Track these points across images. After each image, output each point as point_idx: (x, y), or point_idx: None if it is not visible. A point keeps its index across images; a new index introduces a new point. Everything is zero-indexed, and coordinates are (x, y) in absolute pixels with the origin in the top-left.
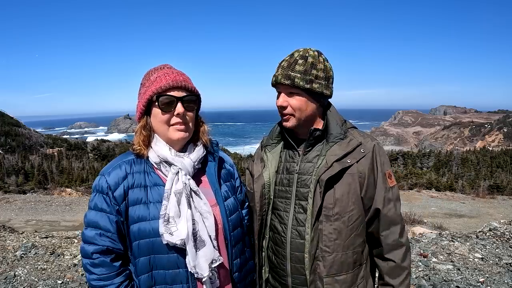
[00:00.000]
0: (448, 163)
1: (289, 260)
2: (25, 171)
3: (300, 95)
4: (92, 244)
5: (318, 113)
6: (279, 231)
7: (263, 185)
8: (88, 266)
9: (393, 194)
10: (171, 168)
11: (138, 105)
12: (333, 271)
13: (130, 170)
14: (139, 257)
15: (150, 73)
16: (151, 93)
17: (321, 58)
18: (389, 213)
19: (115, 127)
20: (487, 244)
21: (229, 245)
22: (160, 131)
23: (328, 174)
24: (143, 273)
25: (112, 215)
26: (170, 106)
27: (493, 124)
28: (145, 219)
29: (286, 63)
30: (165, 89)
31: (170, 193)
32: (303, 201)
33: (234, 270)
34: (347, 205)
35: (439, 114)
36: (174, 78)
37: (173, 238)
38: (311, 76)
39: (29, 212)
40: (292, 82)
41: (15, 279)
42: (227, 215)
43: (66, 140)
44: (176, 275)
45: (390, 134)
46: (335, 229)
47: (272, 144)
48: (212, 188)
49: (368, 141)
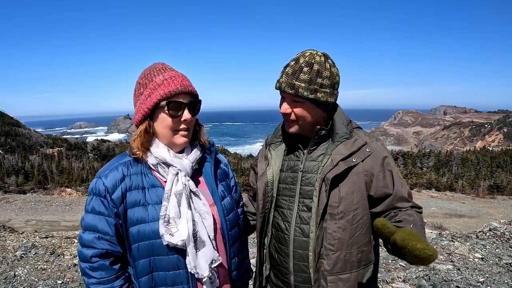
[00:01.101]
0: (448, 163)
1: (292, 258)
2: (25, 171)
3: (303, 104)
4: (90, 247)
5: (322, 116)
6: (282, 229)
7: (266, 183)
8: (87, 270)
9: (404, 185)
10: (171, 169)
11: (141, 107)
12: (336, 270)
13: (128, 172)
14: (139, 259)
15: (152, 73)
16: (159, 97)
17: (327, 64)
18: (401, 191)
19: (115, 127)
20: (487, 244)
21: (227, 244)
22: (163, 136)
23: (333, 173)
24: (143, 275)
25: (110, 218)
26: (178, 112)
27: (493, 124)
28: (144, 221)
29: (291, 70)
30: (174, 94)
31: (170, 194)
32: (307, 199)
33: (232, 269)
34: (351, 203)
35: (439, 114)
36: (182, 83)
37: (174, 239)
38: (316, 85)
39: (29, 212)
40: (296, 92)
41: (15, 279)
42: (225, 215)
43: (66, 140)
44: (176, 276)
45: (390, 134)
46: (339, 227)
47: (276, 142)
48: (209, 188)
49: (373, 141)
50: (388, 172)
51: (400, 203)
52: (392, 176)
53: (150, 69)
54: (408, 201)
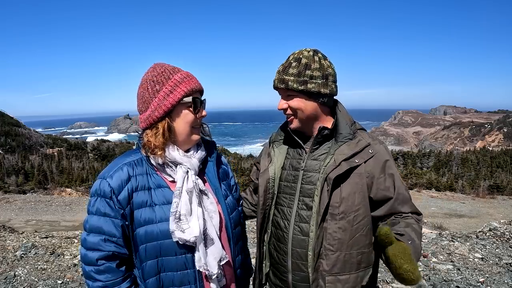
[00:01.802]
0: (448, 163)
1: (290, 256)
2: (25, 171)
3: (297, 97)
4: (96, 250)
5: (322, 111)
6: (282, 227)
7: (268, 179)
8: (92, 273)
9: (405, 189)
10: (181, 168)
11: (161, 104)
12: (335, 270)
13: (133, 172)
14: (146, 260)
15: (166, 71)
16: (183, 93)
17: (316, 58)
18: (403, 195)
19: (115, 127)
20: (487, 244)
21: (232, 243)
22: (183, 133)
23: (336, 173)
24: (151, 276)
25: (117, 220)
26: (198, 107)
27: (493, 124)
28: (152, 221)
29: (282, 67)
30: (195, 90)
31: (181, 191)
32: (307, 198)
33: (237, 267)
34: (353, 204)
35: (439, 114)
36: (197, 82)
37: (186, 236)
38: (305, 77)
39: (29, 212)
40: (286, 86)
41: (15, 279)
42: (229, 213)
43: (66, 140)
44: (184, 276)
45: (390, 134)
46: (339, 227)
47: (280, 140)
48: (212, 187)
49: (376, 143)
50: (389, 175)
51: (401, 207)
52: (393, 179)
53: (162, 68)
54: (409, 205)
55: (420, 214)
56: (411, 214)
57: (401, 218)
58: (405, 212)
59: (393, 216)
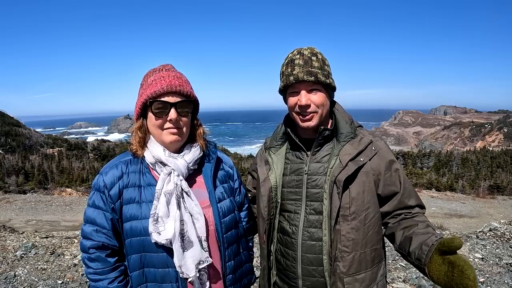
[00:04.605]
0: (448, 163)
1: (300, 262)
2: (25, 171)
3: (320, 91)
4: (89, 239)
5: (327, 110)
6: (289, 233)
7: (270, 188)
8: (85, 260)
9: (409, 183)
10: (164, 169)
11: (136, 106)
12: (352, 271)
13: (126, 170)
14: (131, 254)
15: (148, 74)
16: (146, 98)
17: (323, 55)
18: (409, 189)
19: (115, 127)
20: (487, 244)
21: (222, 247)
22: (154, 134)
23: (344, 174)
24: (135, 270)
25: (108, 213)
26: (163, 111)
27: (493, 124)
28: (137, 217)
29: (302, 61)
30: (159, 94)
31: (160, 193)
32: (315, 202)
33: (228, 272)
34: (363, 203)
35: (439, 114)
36: (169, 83)
37: (160, 238)
38: (326, 71)
39: (29, 212)
40: (316, 78)
41: (15, 279)
42: (220, 217)
43: (66, 140)
44: (165, 274)
45: (390, 134)
46: (352, 228)
47: (276, 145)
48: (207, 189)
49: (377, 140)
50: (395, 171)
51: (408, 201)
52: (398, 174)
53: (150, 70)
54: (415, 198)
55: (424, 206)
56: (418, 208)
57: (412, 216)
58: (412, 206)
59: (403, 215)
